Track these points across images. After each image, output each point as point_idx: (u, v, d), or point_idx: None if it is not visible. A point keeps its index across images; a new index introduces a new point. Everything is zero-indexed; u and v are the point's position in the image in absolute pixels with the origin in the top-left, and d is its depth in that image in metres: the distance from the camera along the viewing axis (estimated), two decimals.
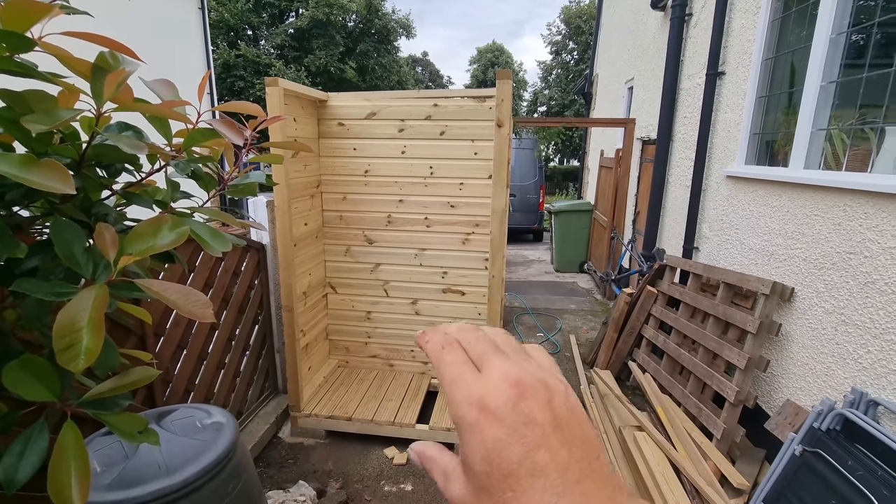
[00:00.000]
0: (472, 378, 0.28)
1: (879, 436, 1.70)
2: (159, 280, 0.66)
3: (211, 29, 10.87)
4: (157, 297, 0.64)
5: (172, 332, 2.29)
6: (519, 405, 0.26)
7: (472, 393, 0.27)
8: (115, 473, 1.32)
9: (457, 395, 0.28)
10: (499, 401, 0.26)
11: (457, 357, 0.30)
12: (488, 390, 0.27)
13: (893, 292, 1.85)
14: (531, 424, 0.26)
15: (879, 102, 2.09)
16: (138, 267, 0.76)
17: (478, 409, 0.26)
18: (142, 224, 0.70)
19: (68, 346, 0.52)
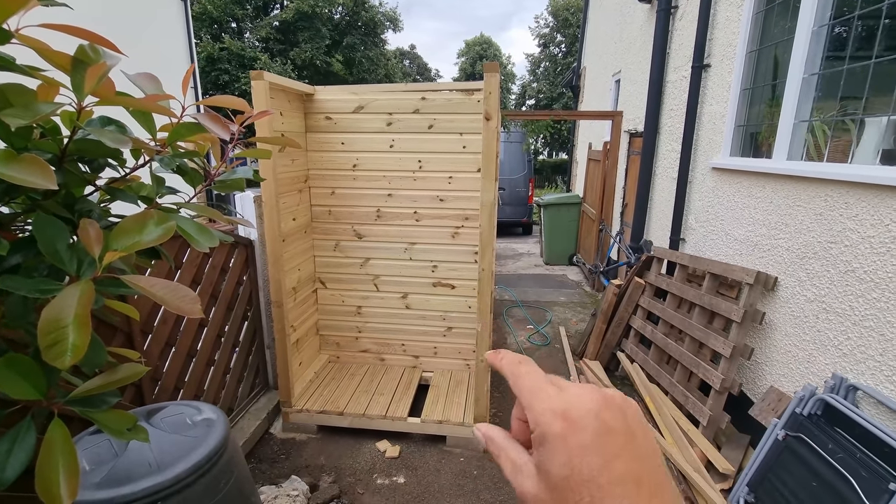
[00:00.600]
0: (553, 391, 0.30)
1: (858, 419, 1.75)
2: (146, 276, 0.66)
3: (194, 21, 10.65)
4: (144, 294, 0.64)
5: (160, 329, 2.26)
6: (601, 415, 0.28)
7: (555, 404, 0.29)
8: (104, 472, 1.31)
9: (539, 405, 0.30)
10: (582, 410, 0.28)
11: (534, 370, 0.33)
12: (572, 402, 0.29)
13: (872, 280, 1.90)
14: (611, 434, 0.28)
15: (859, 94, 2.13)
16: (124, 263, 0.75)
17: (562, 418, 0.28)
18: (127, 219, 0.69)
19: (54, 343, 0.51)
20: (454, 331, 3.49)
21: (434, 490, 2.57)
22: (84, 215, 0.82)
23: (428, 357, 3.58)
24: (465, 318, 3.45)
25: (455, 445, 2.92)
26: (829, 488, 1.71)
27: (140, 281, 0.64)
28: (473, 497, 2.53)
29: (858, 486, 1.58)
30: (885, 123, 2.01)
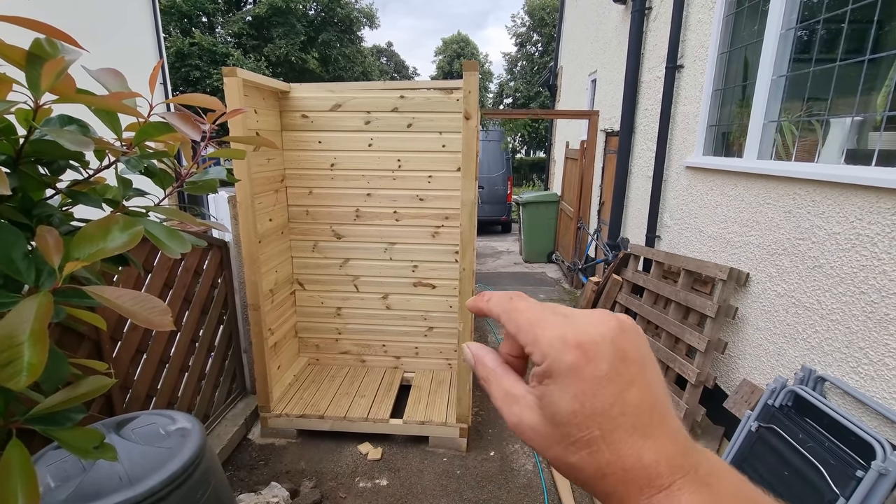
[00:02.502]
0: (559, 319, 0.28)
1: (826, 409, 1.81)
2: (112, 287, 0.62)
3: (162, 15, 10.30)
4: (109, 306, 0.60)
5: (130, 335, 2.18)
6: (617, 340, 0.26)
7: (565, 332, 0.26)
8: (71, 488, 1.25)
9: (545, 335, 0.27)
10: (597, 337, 0.26)
11: (531, 303, 0.30)
12: (585, 329, 0.26)
13: (837, 275, 1.97)
14: (626, 362, 0.26)
15: (824, 96, 2.21)
16: (89, 272, 0.71)
17: (575, 347, 0.26)
18: (90, 225, 0.65)
19: (7, 363, 0.47)
20: (435, 331, 3.48)
21: (417, 491, 2.56)
22: (43, 220, 0.78)
23: (409, 357, 3.55)
24: (446, 318, 3.44)
25: (438, 445, 2.91)
26: (800, 476, 1.77)
27: (105, 292, 0.60)
28: (457, 497, 2.53)
29: (827, 474, 1.64)
30: (848, 124, 2.08)
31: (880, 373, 1.75)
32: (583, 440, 0.25)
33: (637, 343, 0.27)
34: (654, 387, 0.26)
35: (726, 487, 0.24)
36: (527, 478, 2.67)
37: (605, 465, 0.25)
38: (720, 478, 0.25)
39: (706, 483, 0.24)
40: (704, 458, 0.26)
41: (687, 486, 0.24)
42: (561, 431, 0.26)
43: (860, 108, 2.01)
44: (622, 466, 0.25)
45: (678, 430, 0.26)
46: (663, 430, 0.25)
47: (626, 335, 0.27)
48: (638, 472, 0.24)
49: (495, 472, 2.72)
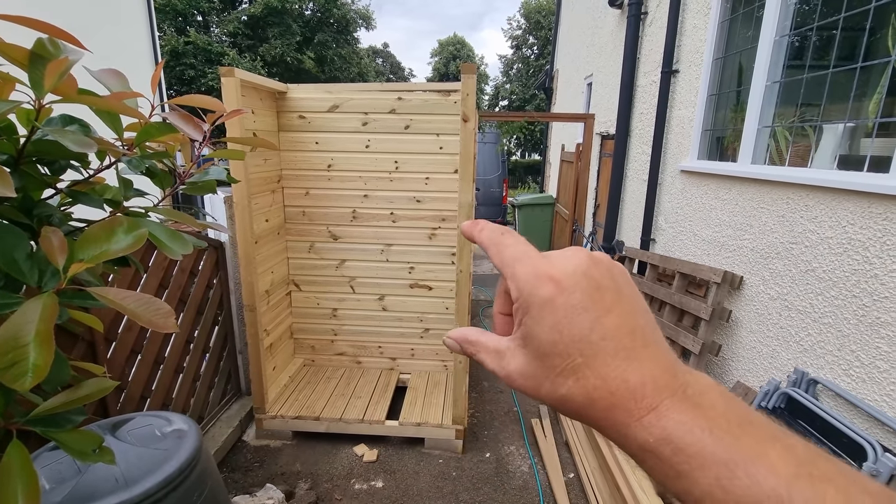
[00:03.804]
0: (537, 256, 0.29)
1: (818, 411, 1.84)
2: (115, 288, 0.62)
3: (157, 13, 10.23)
4: (113, 307, 0.60)
5: (125, 336, 2.16)
6: (589, 272, 0.27)
7: (539, 267, 0.27)
8: (66, 490, 1.24)
9: (523, 271, 0.28)
10: (569, 269, 0.27)
11: (519, 240, 0.31)
12: (557, 263, 0.27)
13: (830, 279, 2.00)
14: (601, 290, 0.26)
15: (818, 102, 2.24)
16: (90, 273, 0.71)
17: (548, 278, 0.27)
18: (94, 227, 0.65)
19: (13, 364, 0.47)
20: (431, 332, 3.48)
21: (413, 493, 2.56)
22: (44, 220, 0.77)
23: (405, 359, 3.55)
24: (443, 320, 3.44)
25: (434, 447, 2.90)
26: None
27: (109, 293, 0.60)
28: (452, 498, 2.53)
29: None
30: (840, 130, 2.11)
31: (871, 375, 1.78)
32: (568, 368, 0.25)
33: (612, 273, 0.28)
34: (634, 312, 0.27)
35: (716, 406, 0.24)
36: (522, 479, 2.68)
37: (593, 390, 0.25)
38: (710, 396, 0.25)
39: (695, 403, 0.24)
40: (693, 378, 0.25)
41: (675, 406, 0.24)
42: (546, 364, 0.26)
43: (852, 114, 2.04)
44: (608, 390, 0.25)
45: (664, 352, 0.26)
46: (647, 353, 0.25)
47: (599, 266, 0.27)
48: (624, 394, 0.24)
49: (491, 473, 2.72)
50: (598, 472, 2.52)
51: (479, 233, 0.33)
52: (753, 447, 0.22)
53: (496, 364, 0.30)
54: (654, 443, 0.24)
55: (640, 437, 0.24)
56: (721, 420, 0.23)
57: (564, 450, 2.87)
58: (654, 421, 0.24)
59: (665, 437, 0.23)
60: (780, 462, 0.22)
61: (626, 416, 0.24)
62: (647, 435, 0.24)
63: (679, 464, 0.23)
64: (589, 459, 2.65)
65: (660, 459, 0.24)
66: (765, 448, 0.22)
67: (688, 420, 0.23)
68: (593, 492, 2.44)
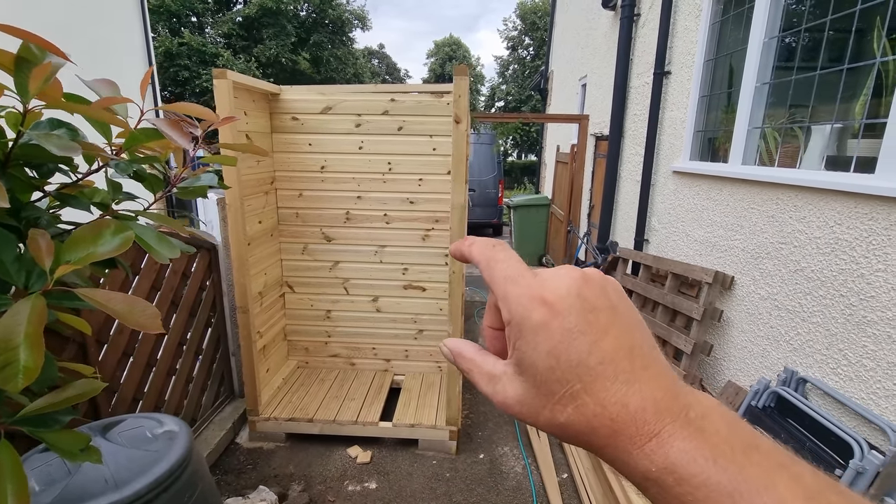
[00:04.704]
0: (529, 276, 0.28)
1: (807, 410, 1.86)
2: (103, 290, 0.63)
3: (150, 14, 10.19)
4: (101, 308, 0.61)
5: (117, 338, 2.16)
6: (583, 292, 0.26)
7: (532, 289, 0.26)
8: (56, 491, 1.24)
9: (514, 292, 0.27)
10: (562, 291, 0.26)
11: (510, 255, 0.29)
12: (548, 285, 0.26)
13: (818, 279, 2.02)
14: (595, 312, 0.25)
15: (806, 103, 2.27)
16: (77, 275, 0.71)
17: (540, 302, 0.26)
18: (81, 229, 0.65)
19: (4, 366, 0.48)
20: (425, 333, 3.49)
21: (406, 494, 2.56)
22: (31, 223, 0.78)
23: (399, 360, 3.56)
24: (437, 321, 3.45)
25: (428, 448, 2.91)
26: None
27: (96, 295, 0.61)
28: (446, 499, 2.53)
29: None
30: (828, 131, 2.14)
31: (858, 374, 1.80)
32: (566, 395, 0.25)
33: (605, 291, 0.27)
34: (631, 332, 0.26)
35: (720, 430, 0.23)
36: (516, 480, 2.69)
37: (593, 417, 0.24)
38: (713, 420, 0.24)
39: (698, 427, 0.23)
40: (695, 399, 0.24)
41: (678, 432, 0.23)
42: (544, 392, 0.25)
43: (841, 115, 2.07)
44: (609, 417, 0.24)
45: (664, 372, 0.25)
46: (647, 375, 0.24)
47: (592, 286, 0.27)
48: (625, 420, 0.24)
49: (484, 474, 2.73)
50: (592, 473, 2.54)
51: (468, 248, 0.32)
52: (760, 477, 0.21)
53: (490, 388, 0.29)
54: (656, 472, 0.23)
55: (643, 465, 0.23)
56: (725, 447, 0.22)
57: (558, 450, 2.89)
58: (657, 448, 0.23)
59: (668, 467, 0.23)
60: (788, 493, 0.21)
61: (628, 444, 0.24)
62: (650, 464, 0.23)
63: (683, 494, 0.22)
64: (582, 460, 2.66)
65: (663, 489, 0.23)
66: (772, 478, 0.21)
67: (691, 448, 0.22)
68: (586, 492, 2.45)
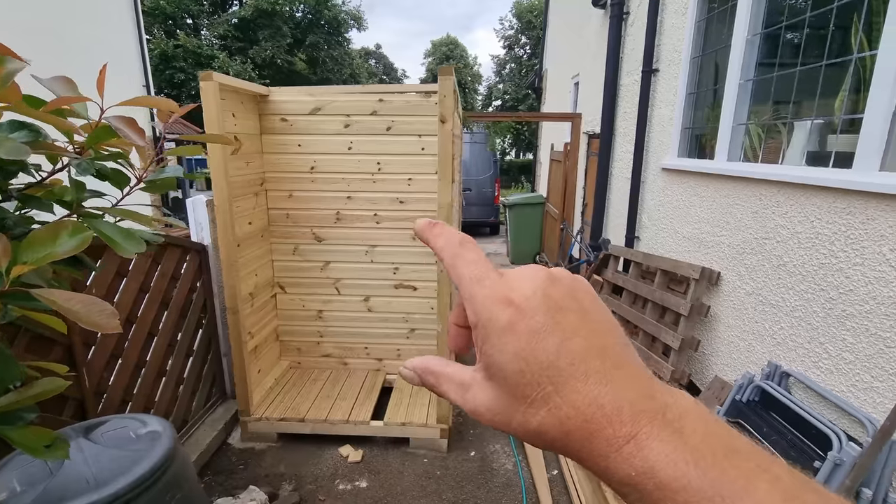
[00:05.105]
0: (496, 276, 0.26)
1: (789, 403, 1.87)
2: (60, 290, 0.64)
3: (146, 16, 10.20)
4: (57, 309, 0.62)
5: (105, 340, 2.16)
6: (549, 291, 0.25)
7: (497, 290, 0.26)
8: (37, 492, 1.25)
9: (481, 294, 0.26)
10: (527, 291, 0.25)
11: (479, 255, 0.28)
12: (514, 284, 0.26)
13: (800, 273, 2.04)
14: (563, 311, 0.25)
15: (789, 99, 2.28)
16: (39, 276, 0.72)
17: (506, 303, 0.25)
18: (39, 230, 0.66)
19: None
20: (417, 332, 3.50)
21: (397, 492, 2.57)
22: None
23: (391, 360, 3.57)
24: (428, 320, 3.46)
25: (419, 447, 2.92)
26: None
27: (53, 295, 0.62)
28: (436, 497, 2.54)
29: None
30: (809, 127, 2.15)
31: (839, 367, 1.81)
32: (538, 398, 0.24)
33: (573, 291, 0.26)
34: (602, 332, 0.25)
35: (698, 430, 0.22)
36: (506, 477, 2.70)
37: (566, 420, 0.23)
38: (690, 420, 0.23)
39: (677, 429, 0.22)
40: (672, 399, 0.24)
41: (655, 433, 0.22)
42: (515, 396, 0.24)
43: (822, 112, 2.08)
44: (583, 419, 0.23)
45: (639, 372, 0.24)
46: (621, 374, 0.23)
47: (559, 285, 0.26)
48: (601, 421, 0.23)
49: (475, 471, 2.74)
50: (581, 470, 2.55)
51: (434, 237, 0.30)
52: (740, 481, 0.21)
53: (460, 397, 0.27)
54: (636, 476, 0.22)
55: (622, 469, 0.22)
56: (705, 449, 0.22)
57: None
58: (635, 451, 0.22)
59: (646, 471, 0.22)
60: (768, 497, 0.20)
61: (605, 447, 0.23)
62: (629, 468, 0.22)
63: (663, 500, 0.21)
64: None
65: (642, 494, 0.22)
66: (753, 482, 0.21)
67: (670, 451, 0.21)
68: (576, 489, 2.46)
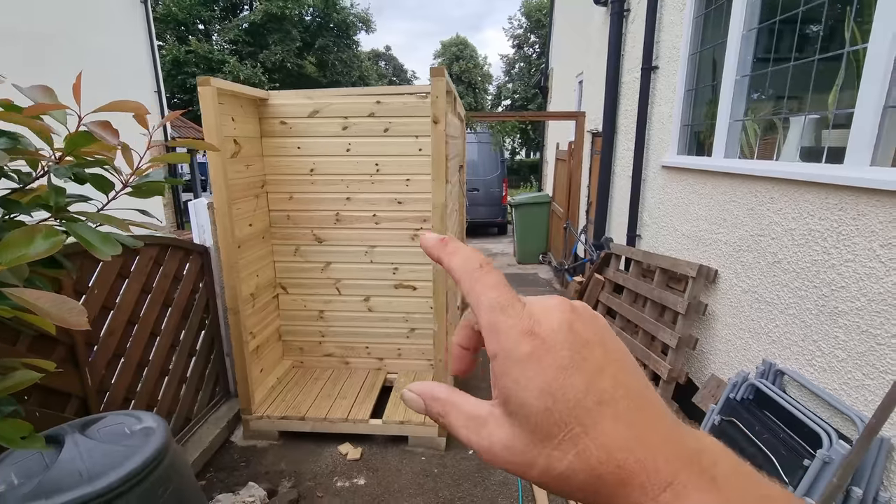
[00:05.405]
0: (520, 306, 0.25)
1: (781, 402, 1.85)
2: (32, 289, 0.67)
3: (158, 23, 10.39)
4: (27, 307, 0.65)
5: (107, 340, 2.23)
6: (574, 326, 0.24)
7: (522, 321, 0.24)
8: (32, 484, 1.30)
9: (504, 323, 0.24)
10: (554, 324, 0.24)
11: (500, 279, 0.26)
12: (538, 316, 0.24)
13: (794, 270, 2.01)
14: (589, 346, 0.23)
15: (784, 94, 2.25)
16: (14, 275, 0.76)
17: (531, 335, 0.23)
18: (15, 233, 0.70)
19: None
20: (417, 332, 3.53)
21: (394, 490, 2.60)
22: None
23: (392, 359, 3.60)
24: (428, 319, 3.48)
25: (417, 445, 2.95)
26: (755, 467, 1.80)
27: (24, 294, 0.65)
28: (433, 495, 2.57)
29: (778, 464, 1.68)
30: (803, 123, 2.13)
31: (831, 364, 1.79)
32: (566, 440, 0.22)
33: (596, 327, 0.25)
34: (626, 369, 0.24)
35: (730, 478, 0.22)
36: (503, 475, 2.71)
37: (598, 464, 0.21)
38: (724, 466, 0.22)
39: (712, 476, 0.21)
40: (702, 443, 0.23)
41: (693, 482, 0.21)
42: (539, 436, 0.22)
43: (817, 106, 2.06)
44: (616, 464, 0.21)
45: (665, 412, 0.23)
46: (648, 416, 0.22)
47: (583, 319, 0.25)
48: (633, 467, 0.21)
49: (472, 470, 2.76)
50: None
51: (448, 255, 0.28)
52: None
53: (474, 433, 0.25)
54: None
55: None
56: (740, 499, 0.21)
57: None
58: (673, 501, 0.21)
59: None
60: None
61: (639, 495, 0.21)
62: None
63: None
64: None
65: None
66: None
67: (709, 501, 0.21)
68: None
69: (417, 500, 2.53)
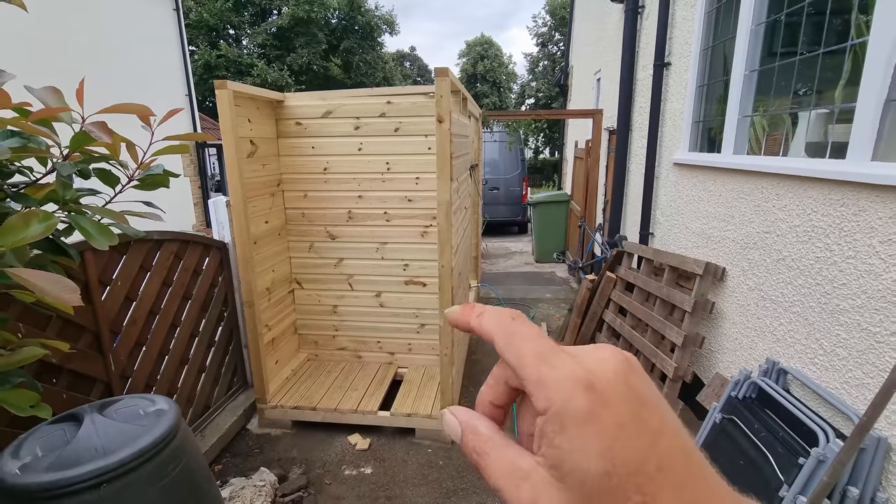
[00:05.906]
0: (566, 355, 0.23)
1: (781, 400, 1.82)
2: (28, 269, 0.76)
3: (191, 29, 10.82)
4: (24, 284, 0.74)
5: (130, 329, 2.38)
6: (630, 380, 0.22)
7: (574, 372, 0.22)
8: (54, 456, 1.42)
9: (554, 375, 0.22)
10: (609, 375, 0.22)
11: (536, 329, 0.25)
12: (593, 367, 0.22)
13: (798, 268, 1.97)
14: (646, 404, 0.21)
15: (795, 89, 2.20)
16: (16, 257, 0.85)
17: (586, 388, 0.21)
18: (13, 217, 0.80)
19: None
20: (427, 327, 3.59)
21: (399, 479, 2.67)
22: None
23: (403, 353, 3.67)
24: (437, 315, 3.53)
25: (424, 437, 3.01)
26: (753, 465, 1.79)
27: (21, 272, 0.74)
28: (436, 485, 2.62)
29: (774, 462, 1.65)
30: (809, 118, 2.08)
31: (833, 363, 1.75)
32: None
33: (649, 382, 0.23)
34: (679, 432, 0.22)
35: None
36: None
37: None
38: None
39: None
40: None
41: None
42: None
43: (825, 101, 2.01)
44: None
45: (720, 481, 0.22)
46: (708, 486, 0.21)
47: (637, 372, 0.23)
48: None
49: None
50: None
51: (477, 319, 0.26)
52: None
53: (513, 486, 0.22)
54: None
55: None
56: None
57: None
58: None
59: None
60: None
61: None
62: None
63: None
64: None
65: None
66: None
67: None
68: None
69: (421, 490, 2.59)
